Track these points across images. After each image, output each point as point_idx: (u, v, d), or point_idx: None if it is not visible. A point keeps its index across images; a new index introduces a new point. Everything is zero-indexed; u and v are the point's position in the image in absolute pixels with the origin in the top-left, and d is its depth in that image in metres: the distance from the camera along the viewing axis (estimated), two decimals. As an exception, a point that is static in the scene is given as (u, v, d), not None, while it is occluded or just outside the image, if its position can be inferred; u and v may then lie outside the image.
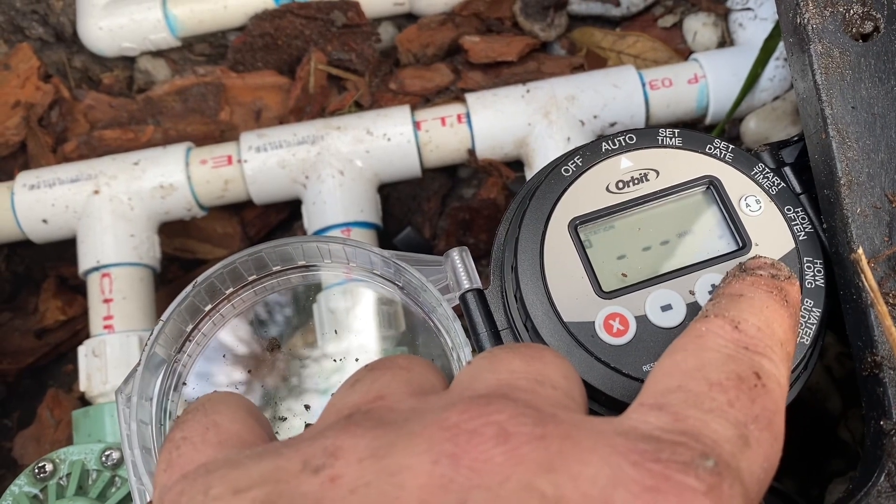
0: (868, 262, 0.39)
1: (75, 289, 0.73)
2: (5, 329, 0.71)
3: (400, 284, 0.45)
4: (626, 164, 0.42)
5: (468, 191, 0.73)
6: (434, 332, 0.46)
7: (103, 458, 0.53)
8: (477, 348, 0.42)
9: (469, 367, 0.28)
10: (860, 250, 0.38)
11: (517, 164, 0.69)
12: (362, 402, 0.27)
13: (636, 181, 0.42)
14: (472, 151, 0.66)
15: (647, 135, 0.43)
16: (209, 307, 0.45)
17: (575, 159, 0.42)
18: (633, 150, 0.42)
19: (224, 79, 0.74)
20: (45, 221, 0.65)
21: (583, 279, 0.40)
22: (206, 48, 0.77)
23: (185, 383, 0.45)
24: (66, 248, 0.68)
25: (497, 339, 0.41)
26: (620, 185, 0.42)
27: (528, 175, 0.67)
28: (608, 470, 0.23)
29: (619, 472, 0.23)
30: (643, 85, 0.67)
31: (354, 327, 0.50)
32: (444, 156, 0.67)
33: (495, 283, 0.43)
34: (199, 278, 0.43)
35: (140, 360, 0.41)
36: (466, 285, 0.42)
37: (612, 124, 0.67)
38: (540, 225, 0.41)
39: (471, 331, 0.42)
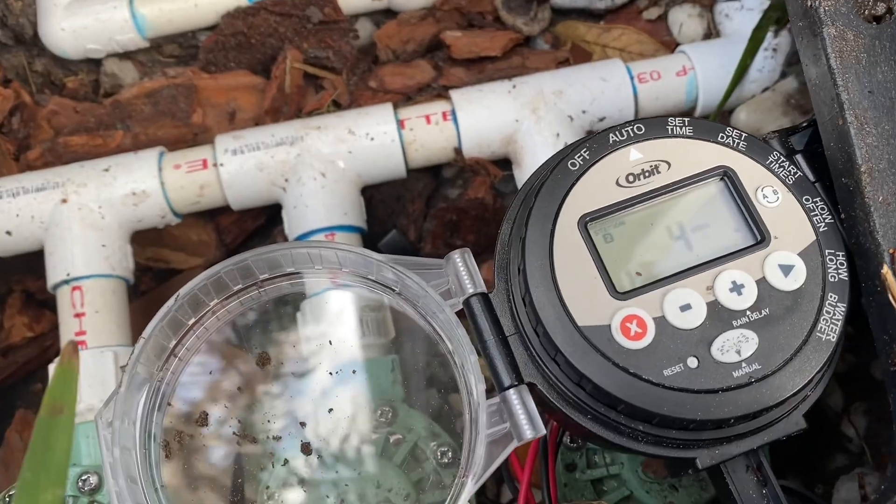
0: (892, 252, 0.37)
1: (43, 303, 0.70)
2: (-31, 348, 0.68)
3: (397, 290, 0.43)
4: (635, 155, 0.40)
5: (453, 191, 0.71)
6: (428, 338, 0.44)
7: (80, 483, 0.50)
8: (483, 356, 0.39)
9: None
10: (886, 269, 0.36)
11: (504, 163, 0.67)
12: None
13: (647, 174, 0.39)
14: (458, 150, 0.64)
15: (655, 125, 0.40)
16: (192, 321, 0.42)
17: (582, 152, 0.40)
18: (643, 140, 0.40)
19: (195, 80, 0.70)
20: (8, 233, 0.62)
21: (595, 279, 0.38)
22: (176, 49, 0.73)
23: (169, 404, 0.42)
24: (31, 261, 0.65)
25: (505, 346, 0.39)
26: (630, 178, 0.39)
27: (517, 174, 0.65)
28: None
29: None
30: (631, 78, 0.65)
31: (343, 336, 0.48)
32: (430, 155, 0.64)
33: (500, 286, 0.40)
34: (182, 291, 0.40)
35: (121, 382, 0.38)
36: (470, 290, 0.40)
37: (602, 119, 0.65)
38: (548, 223, 0.38)
39: (476, 338, 0.39)
